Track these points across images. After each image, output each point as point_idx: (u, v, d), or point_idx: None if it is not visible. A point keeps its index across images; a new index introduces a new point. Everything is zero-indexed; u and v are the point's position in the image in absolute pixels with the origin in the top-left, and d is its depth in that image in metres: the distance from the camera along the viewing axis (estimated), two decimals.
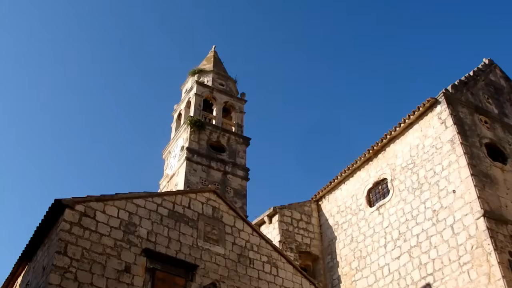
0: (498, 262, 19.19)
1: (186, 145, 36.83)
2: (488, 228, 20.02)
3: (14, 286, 20.11)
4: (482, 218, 20.29)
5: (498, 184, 22.45)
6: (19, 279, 19.49)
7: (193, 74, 43.45)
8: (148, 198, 18.48)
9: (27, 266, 18.90)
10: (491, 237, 19.80)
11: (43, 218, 16.72)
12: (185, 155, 35.98)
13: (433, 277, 21.57)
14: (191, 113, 39.49)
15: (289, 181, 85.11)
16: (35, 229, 17.29)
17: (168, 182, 38.14)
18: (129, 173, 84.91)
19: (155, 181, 46.51)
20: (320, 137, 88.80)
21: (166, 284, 17.31)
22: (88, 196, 16.84)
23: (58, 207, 16.18)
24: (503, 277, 18.82)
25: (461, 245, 20.81)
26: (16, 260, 19.19)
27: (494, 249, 19.49)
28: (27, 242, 18.02)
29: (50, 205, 16.23)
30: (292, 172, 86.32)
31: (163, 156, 41.97)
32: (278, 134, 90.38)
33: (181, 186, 34.13)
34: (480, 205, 20.62)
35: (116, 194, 17.61)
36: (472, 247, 20.33)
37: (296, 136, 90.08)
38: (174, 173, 37.30)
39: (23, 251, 18.46)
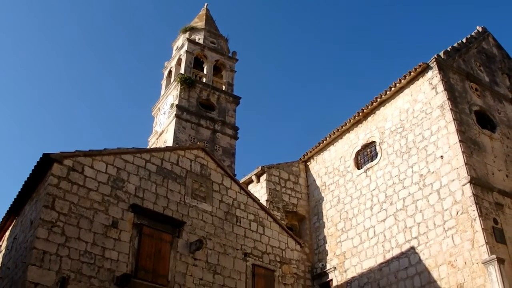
0: (482, 229, 19.39)
1: (176, 102, 36.67)
2: (474, 195, 20.18)
3: (2, 240, 20.18)
4: (468, 185, 20.43)
5: (485, 152, 22.58)
6: (7, 233, 19.55)
7: (185, 31, 43.04)
8: (137, 154, 18.48)
9: (15, 220, 18.94)
10: (476, 203, 19.97)
11: (31, 172, 16.70)
12: (175, 113, 35.85)
13: (418, 241, 21.80)
14: (182, 71, 39.24)
15: (278, 141, 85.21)
16: (23, 183, 17.29)
17: (157, 139, 38.08)
18: (118, 130, 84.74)
19: (144, 138, 46.44)
20: (309, 98, 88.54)
21: (153, 240, 17.41)
22: (76, 151, 16.79)
23: (46, 162, 16.14)
24: (487, 243, 19.04)
25: (446, 210, 21.00)
26: (4, 215, 19.30)
27: (479, 216, 19.67)
28: (15, 197, 18.06)
29: (38, 160, 16.19)
30: (281, 132, 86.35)
31: (153, 113, 41.81)
32: (268, 94, 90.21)
33: (170, 143, 34.09)
34: (467, 172, 20.75)
35: (104, 149, 17.56)
36: (457, 213, 20.52)
37: (286, 96, 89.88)
38: (163, 130, 37.21)
39: (11, 205, 18.50)
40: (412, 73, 24.69)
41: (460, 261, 19.74)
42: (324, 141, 29.35)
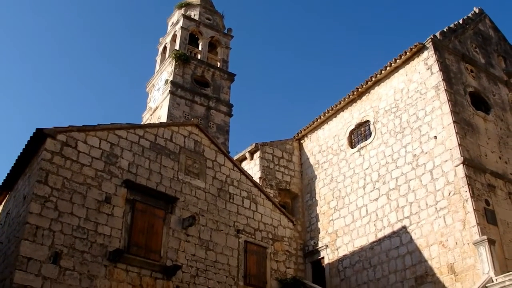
0: (474, 210, 19.52)
1: (170, 78, 36.51)
2: (466, 176, 20.28)
3: None
4: (461, 166, 20.52)
5: (479, 133, 22.64)
6: (0, 208, 19.53)
7: (180, 7, 42.70)
8: (130, 130, 18.43)
9: (8, 195, 18.93)
10: (468, 184, 20.08)
11: (24, 147, 16.64)
12: (169, 89, 35.70)
13: (409, 220, 21.93)
14: (177, 47, 39.00)
15: (272, 119, 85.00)
16: (16, 158, 17.24)
17: (151, 115, 37.96)
18: (112, 106, 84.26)
19: (138, 114, 46.32)
20: (304, 76, 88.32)
21: (146, 216, 17.45)
22: (70, 126, 16.71)
23: (39, 137, 16.08)
24: (478, 224, 19.17)
25: (438, 190, 21.09)
26: None
27: (471, 197, 19.78)
28: (8, 172, 18.02)
29: (32, 135, 16.13)
30: (276, 110, 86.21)
31: (147, 89, 41.64)
32: (263, 71, 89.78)
33: (164, 120, 33.97)
34: (460, 153, 20.81)
35: (98, 124, 17.50)
36: (449, 193, 20.62)
37: (281, 74, 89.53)
38: (157, 107, 37.09)
39: (4, 180, 18.47)
40: (407, 53, 24.65)
41: (451, 241, 19.88)
42: (318, 120, 29.37)
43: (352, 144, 27.02)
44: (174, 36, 40.83)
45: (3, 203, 19.34)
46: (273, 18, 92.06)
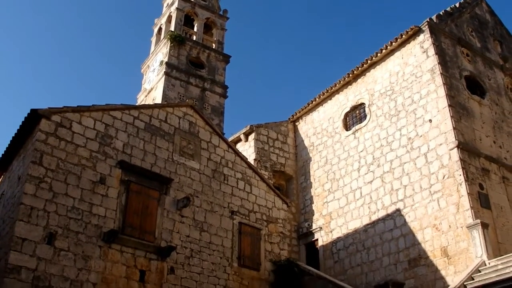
0: (468, 193, 19.59)
1: (166, 59, 36.39)
2: (461, 159, 20.32)
3: None
4: (455, 149, 20.55)
5: (474, 117, 22.67)
6: None
7: None
8: (125, 111, 18.38)
9: (2, 176, 18.89)
10: (463, 168, 20.13)
11: (19, 128, 16.57)
12: (164, 70, 35.61)
13: (404, 203, 22.00)
14: (172, 28, 38.84)
15: (267, 101, 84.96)
16: (11, 139, 17.17)
17: (146, 96, 37.89)
18: (107, 86, 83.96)
19: (132, 95, 46.21)
20: (300, 58, 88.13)
21: (141, 197, 17.47)
22: (64, 106, 16.65)
23: (34, 117, 16.02)
24: (471, 207, 19.25)
25: (433, 174, 21.15)
26: None
27: (465, 180, 19.85)
28: (3, 153, 17.99)
29: (26, 115, 16.07)
30: (271, 92, 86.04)
31: (142, 70, 41.52)
32: (258, 53, 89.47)
33: (159, 101, 33.92)
34: (455, 136, 20.84)
35: (92, 105, 17.44)
36: (443, 177, 20.68)
37: (277, 55, 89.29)
38: (152, 88, 37.01)
39: None
40: (403, 36, 24.59)
41: (445, 225, 19.97)
42: (313, 102, 29.35)
43: (347, 127, 27.02)
44: (169, 17, 40.67)
45: None
46: (269, 0, 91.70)
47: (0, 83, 77.25)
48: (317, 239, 26.17)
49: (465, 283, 16.13)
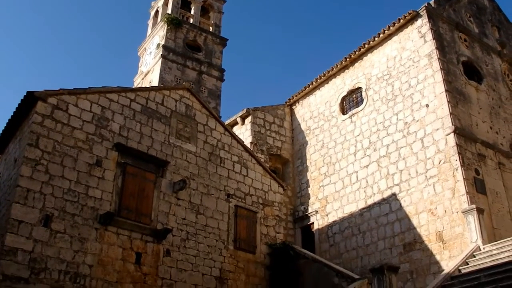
0: (464, 178, 19.61)
1: (162, 42, 36.32)
2: (457, 145, 20.32)
3: None
4: (452, 134, 20.55)
5: (471, 103, 22.65)
6: None
7: None
8: (122, 93, 18.35)
9: None
10: (459, 153, 20.13)
11: (15, 110, 16.53)
12: (161, 53, 35.55)
13: (399, 188, 22.04)
14: (169, 11, 38.72)
15: (264, 85, 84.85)
16: (7, 121, 17.15)
17: (142, 79, 37.84)
18: (103, 69, 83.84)
19: (129, 78, 46.05)
20: (297, 42, 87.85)
21: (137, 179, 17.49)
22: (60, 89, 16.59)
23: (30, 100, 15.97)
24: (467, 193, 19.29)
25: (429, 158, 21.17)
26: None
27: (461, 165, 19.86)
28: None
29: (22, 98, 16.03)
30: (268, 76, 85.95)
31: (139, 53, 41.44)
32: (256, 36, 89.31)
33: (155, 84, 33.92)
34: (452, 121, 20.83)
35: (89, 88, 17.40)
36: (440, 162, 20.70)
37: (274, 39, 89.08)
38: (149, 71, 36.96)
39: None
40: (401, 21, 24.49)
41: (440, 209, 20.02)
42: (310, 86, 29.29)
43: (343, 111, 27.00)
44: (166, 0, 40.50)
45: None
46: None
47: None
48: (312, 223, 26.24)
49: (459, 268, 16.20)
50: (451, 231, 19.34)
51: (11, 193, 14.95)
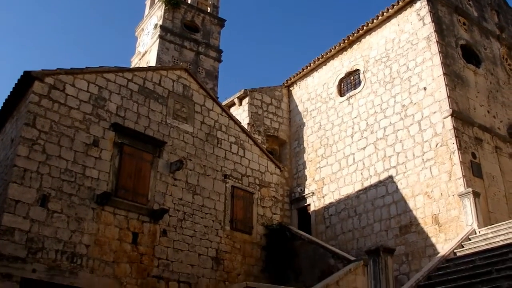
0: (461, 162, 19.64)
1: (160, 23, 36.17)
2: (454, 128, 20.32)
3: None
4: (449, 118, 20.54)
5: (469, 86, 22.62)
6: None
7: None
8: (119, 73, 18.30)
9: None
10: (456, 136, 20.14)
11: (12, 90, 16.47)
12: (158, 33, 35.42)
13: (396, 170, 22.07)
14: None
15: (261, 66, 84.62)
16: (4, 101, 17.11)
17: (140, 59, 37.72)
18: (101, 49, 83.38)
19: (127, 58, 45.90)
20: (296, 23, 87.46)
21: (134, 159, 17.50)
22: (58, 69, 16.54)
23: (27, 79, 15.90)
24: (464, 176, 19.33)
25: (426, 141, 21.18)
26: None
27: (458, 149, 19.88)
28: None
29: (19, 78, 15.95)
30: (265, 57, 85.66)
31: (136, 34, 41.25)
32: (254, 17, 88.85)
33: (153, 64, 33.82)
34: (449, 105, 20.81)
35: (86, 67, 17.34)
36: (436, 145, 20.72)
37: (272, 20, 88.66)
38: (146, 51, 36.84)
39: None
40: (400, 3, 24.38)
41: (437, 192, 20.07)
42: (308, 67, 29.23)
43: (341, 93, 26.97)
44: None
45: None
46: None
47: None
48: (309, 204, 26.31)
49: (455, 251, 16.25)
50: (447, 214, 19.41)
51: (8, 173, 14.94)
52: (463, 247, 16.50)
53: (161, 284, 16.88)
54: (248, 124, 27.21)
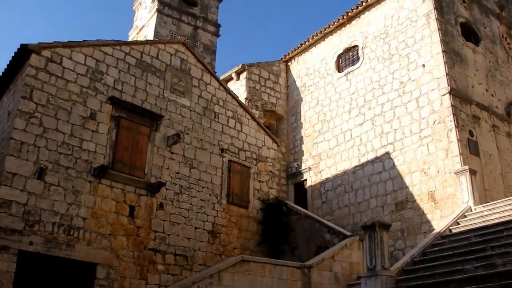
0: (458, 139, 19.66)
1: None
2: (452, 105, 20.31)
3: None
4: (447, 95, 20.52)
5: (467, 64, 22.56)
6: None
7: None
8: (116, 46, 18.20)
9: None
10: (454, 114, 20.15)
11: (8, 63, 16.36)
12: (156, 7, 35.21)
13: (393, 147, 22.10)
14: None
15: (260, 41, 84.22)
16: (0, 74, 16.99)
17: (137, 33, 37.55)
18: (98, 23, 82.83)
19: (124, 32, 45.65)
20: None
21: (131, 133, 17.47)
22: (55, 42, 16.42)
23: (24, 52, 15.79)
24: (460, 154, 19.37)
25: (424, 118, 21.18)
26: None
27: (456, 126, 19.89)
28: None
29: (16, 50, 15.84)
30: (264, 32, 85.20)
31: (134, 7, 41.00)
32: None
33: (150, 38, 33.66)
34: (448, 82, 20.78)
35: (83, 41, 17.22)
36: (434, 122, 20.72)
37: None
38: (144, 25, 36.65)
39: None
40: None
41: (433, 170, 20.13)
42: (307, 42, 29.11)
43: (339, 69, 26.90)
44: None
45: None
46: None
47: None
48: (306, 179, 26.38)
49: (450, 228, 16.36)
50: (443, 191, 19.48)
51: (4, 146, 14.91)
52: (458, 224, 16.60)
53: (158, 257, 16.97)
54: (246, 98, 27.18)
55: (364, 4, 25.85)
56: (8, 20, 79.04)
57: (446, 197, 19.30)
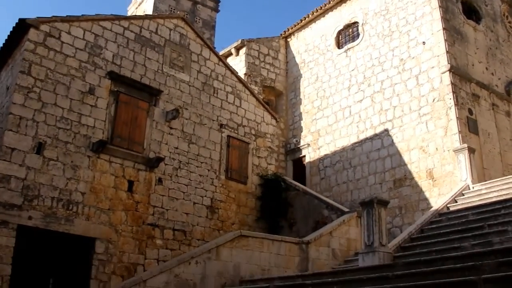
0: (457, 117, 19.65)
1: None
2: (452, 83, 20.26)
3: None
4: (447, 73, 20.47)
5: (468, 42, 22.46)
6: None
7: None
8: (115, 21, 18.09)
9: None
10: (453, 92, 20.11)
11: (6, 38, 16.28)
12: None
13: (392, 124, 22.09)
14: None
15: (259, 16, 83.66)
16: None
17: (136, 8, 37.33)
18: None
19: (123, 7, 45.34)
20: None
21: (130, 107, 17.44)
22: (53, 16, 16.32)
23: (22, 27, 15.69)
24: (459, 132, 19.37)
25: (423, 96, 21.15)
26: None
27: (455, 104, 19.87)
28: None
29: (14, 25, 15.75)
30: (263, 7, 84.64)
31: None
32: None
33: (149, 13, 33.43)
34: (448, 60, 20.71)
35: (82, 15, 17.13)
36: (433, 100, 20.69)
37: None
38: (142, 0, 36.40)
39: None
40: None
41: (432, 147, 20.14)
42: (306, 18, 28.95)
43: (339, 45, 26.79)
44: None
45: None
46: None
47: None
48: (304, 156, 26.41)
49: (448, 205, 16.40)
50: (442, 169, 19.52)
51: (3, 121, 14.89)
52: (456, 202, 16.65)
53: (156, 231, 17.04)
54: (245, 74, 27.12)
55: None
56: None
57: (445, 175, 19.34)
